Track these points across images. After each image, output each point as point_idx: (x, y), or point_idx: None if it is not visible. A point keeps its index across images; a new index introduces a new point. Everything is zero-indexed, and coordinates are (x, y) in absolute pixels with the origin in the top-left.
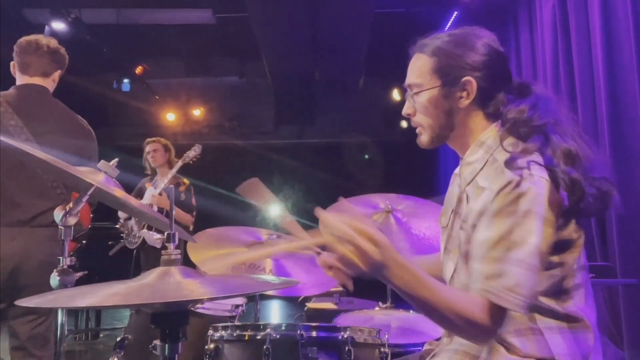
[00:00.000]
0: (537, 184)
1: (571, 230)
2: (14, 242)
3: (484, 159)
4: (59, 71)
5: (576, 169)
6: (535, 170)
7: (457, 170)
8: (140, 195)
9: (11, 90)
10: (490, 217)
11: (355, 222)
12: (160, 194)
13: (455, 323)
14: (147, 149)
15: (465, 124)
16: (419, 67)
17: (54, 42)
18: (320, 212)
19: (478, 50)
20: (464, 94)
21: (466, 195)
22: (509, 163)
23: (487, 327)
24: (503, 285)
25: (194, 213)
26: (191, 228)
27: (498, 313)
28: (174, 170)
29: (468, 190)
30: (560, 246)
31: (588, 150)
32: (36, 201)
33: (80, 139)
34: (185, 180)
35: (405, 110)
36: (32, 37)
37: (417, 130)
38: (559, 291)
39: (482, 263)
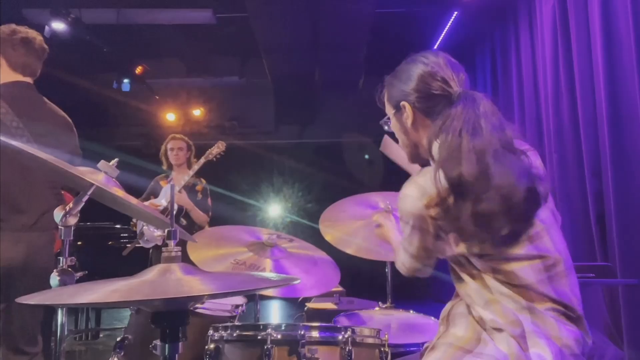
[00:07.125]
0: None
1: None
2: (18, 246)
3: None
4: None
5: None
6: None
7: None
8: (153, 193)
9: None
10: None
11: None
12: (180, 192)
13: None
14: (171, 145)
15: (422, 141)
16: (384, 100)
17: (41, 40)
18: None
19: (410, 77)
20: (405, 115)
21: None
22: None
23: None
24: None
25: (210, 213)
26: (206, 228)
27: None
28: (197, 167)
29: None
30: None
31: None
32: (38, 204)
33: (70, 136)
34: (203, 180)
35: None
36: (28, 32)
37: None
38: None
39: None
